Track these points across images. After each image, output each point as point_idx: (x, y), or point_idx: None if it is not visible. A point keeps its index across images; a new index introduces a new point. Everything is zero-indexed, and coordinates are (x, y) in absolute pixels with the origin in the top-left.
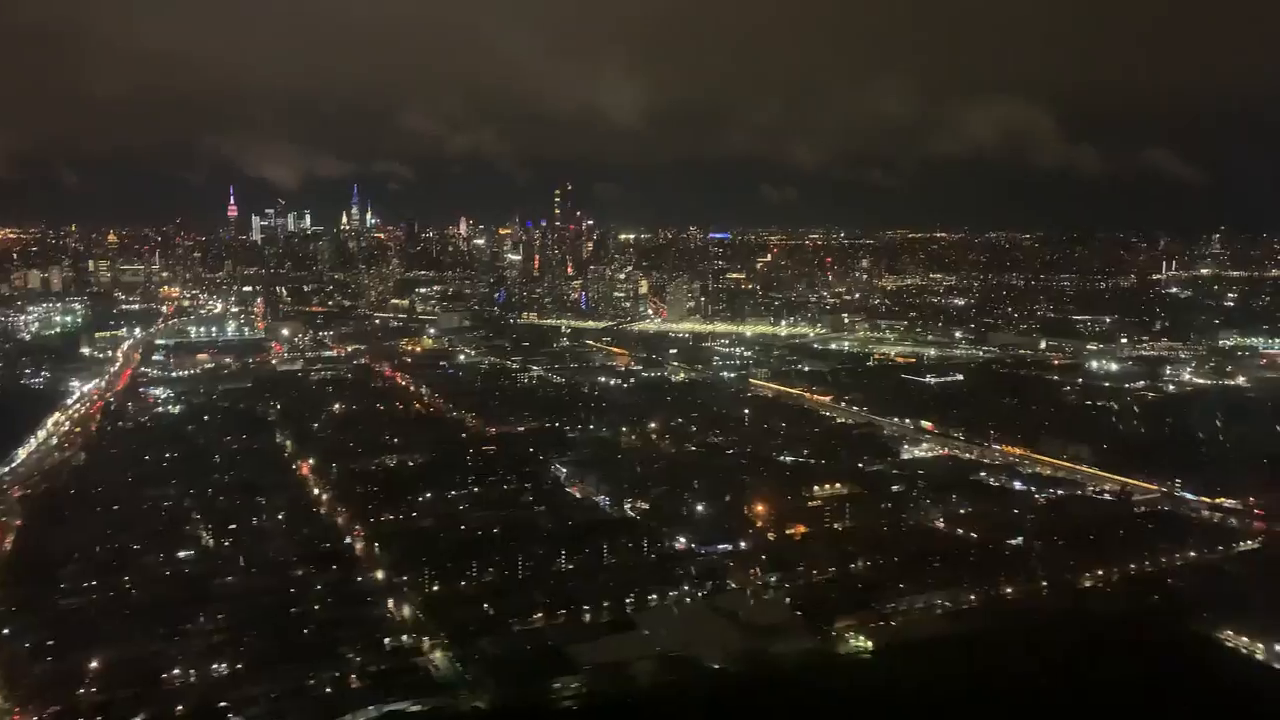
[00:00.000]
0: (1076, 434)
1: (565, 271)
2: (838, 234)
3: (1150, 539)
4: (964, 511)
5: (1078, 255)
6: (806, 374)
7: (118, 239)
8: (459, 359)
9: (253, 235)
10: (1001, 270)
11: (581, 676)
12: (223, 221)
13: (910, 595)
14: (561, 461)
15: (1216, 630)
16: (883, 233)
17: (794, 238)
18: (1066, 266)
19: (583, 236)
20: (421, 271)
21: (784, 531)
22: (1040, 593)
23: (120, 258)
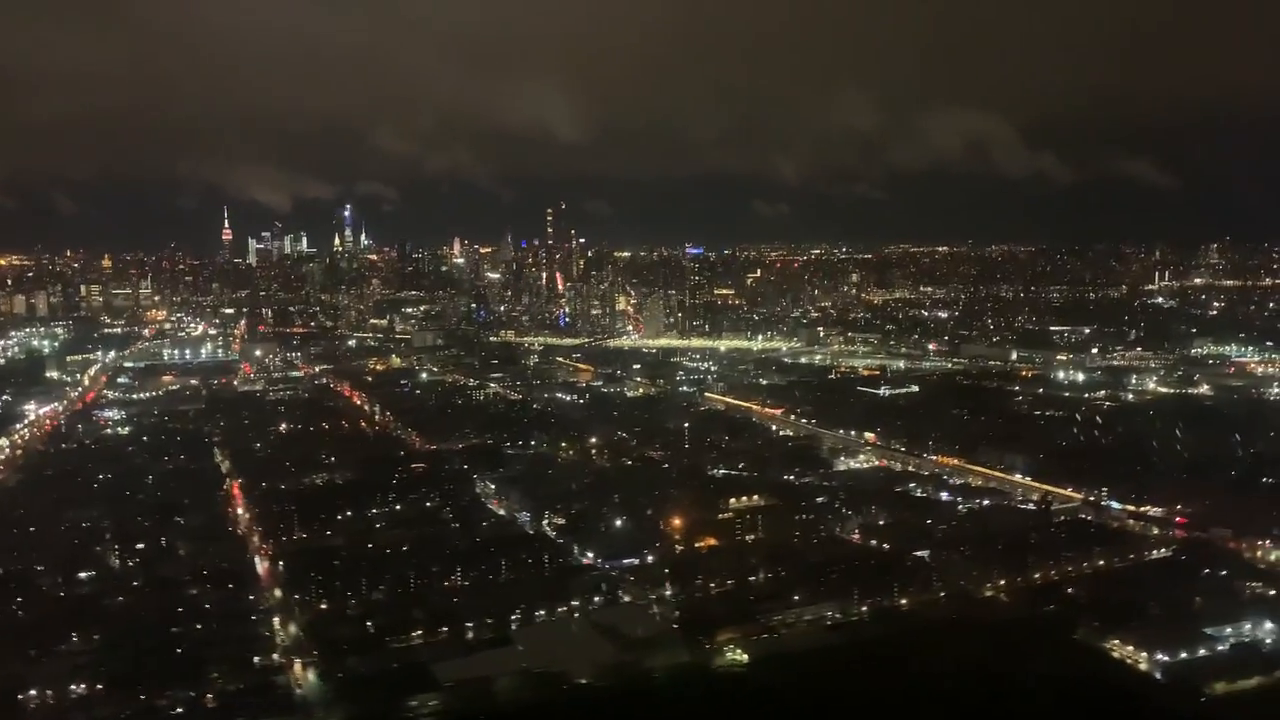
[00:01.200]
0: (1017, 445)
1: (546, 290)
2: (839, 249)
3: (1060, 548)
4: (881, 523)
5: (1070, 267)
6: (764, 388)
7: (111, 263)
8: (421, 377)
9: (249, 258)
10: (992, 283)
11: (441, 694)
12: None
13: (800, 607)
14: (491, 478)
15: (1103, 639)
16: (882, 247)
17: (792, 253)
18: (1058, 278)
19: (574, 255)
20: (411, 292)
21: (693, 544)
22: (935, 603)
23: (112, 282)
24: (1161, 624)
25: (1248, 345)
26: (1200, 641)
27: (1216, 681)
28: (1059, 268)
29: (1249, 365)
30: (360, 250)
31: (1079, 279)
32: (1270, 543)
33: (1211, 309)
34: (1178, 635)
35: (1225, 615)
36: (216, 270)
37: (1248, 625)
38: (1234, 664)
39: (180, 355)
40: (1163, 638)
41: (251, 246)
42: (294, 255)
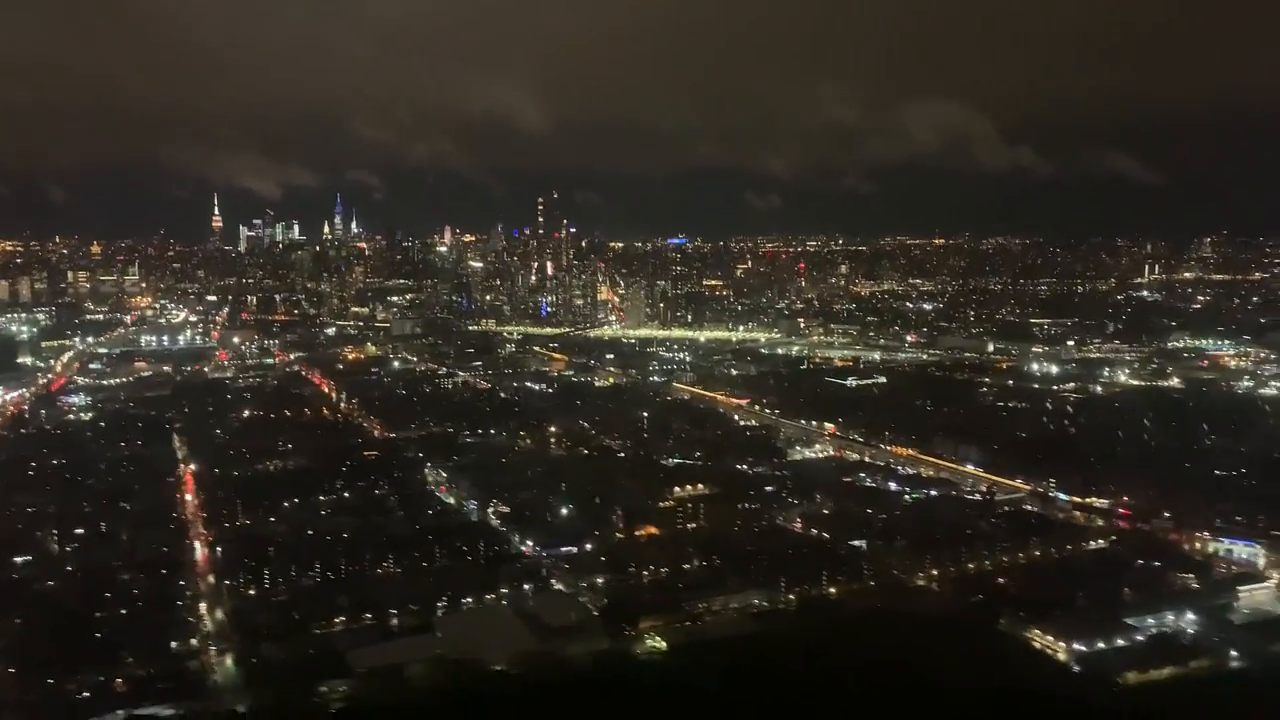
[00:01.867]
0: (974, 436)
1: (528, 280)
2: (835, 241)
3: (997, 539)
4: (825, 512)
5: (1060, 260)
6: (734, 378)
7: (101, 250)
8: (393, 365)
9: (240, 246)
10: (982, 275)
11: (351, 680)
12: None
13: (728, 595)
14: (444, 466)
15: (1025, 629)
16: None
17: (788, 245)
18: (1048, 271)
19: (563, 245)
20: (400, 280)
21: (633, 533)
22: (864, 592)
23: (100, 269)
24: (1084, 614)
25: (1225, 339)
26: (1120, 632)
27: (1129, 671)
28: (1049, 261)
29: (1223, 358)
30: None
31: (1069, 273)
32: (1210, 535)
33: (1195, 303)
34: (1098, 626)
35: (1150, 606)
36: (204, 258)
37: (1170, 616)
38: (1150, 654)
39: (158, 342)
40: (1083, 628)
41: (243, 234)
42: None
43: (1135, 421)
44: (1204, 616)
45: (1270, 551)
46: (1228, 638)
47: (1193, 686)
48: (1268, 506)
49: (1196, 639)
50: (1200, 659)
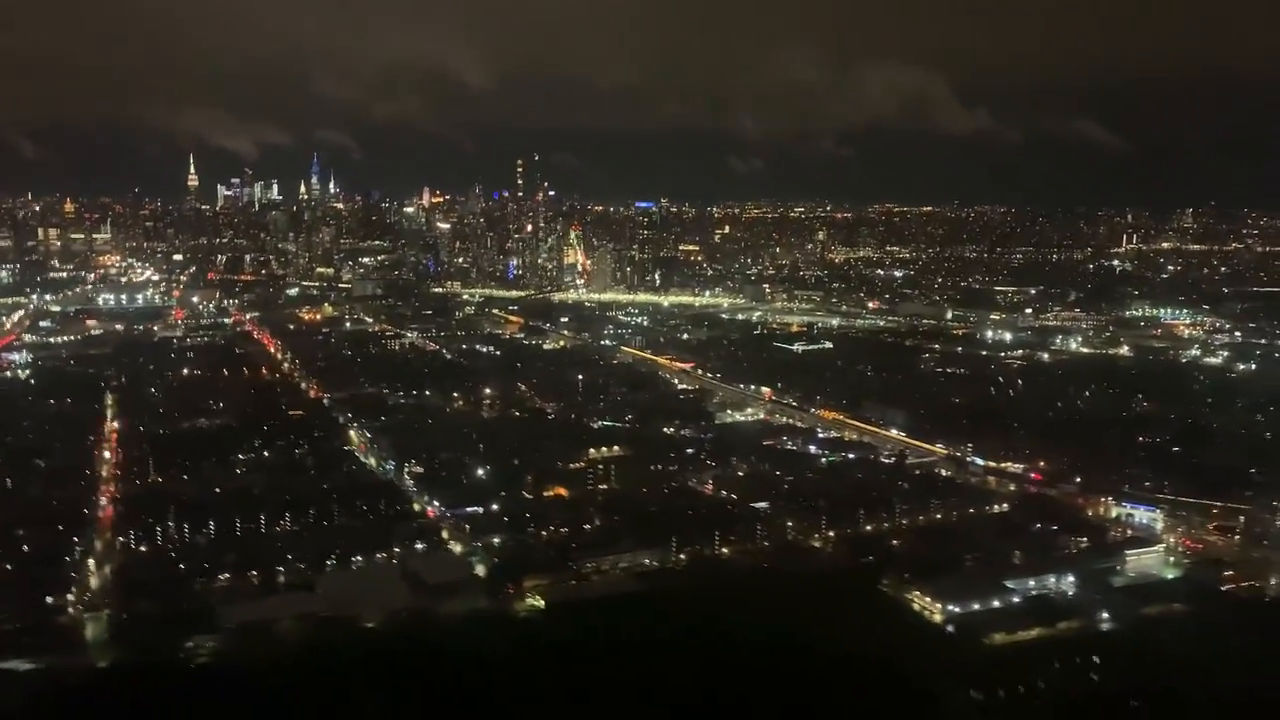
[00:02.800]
0: (907, 401)
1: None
2: (823, 208)
3: (902, 501)
4: (738, 474)
5: (1040, 229)
6: (684, 342)
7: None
8: (345, 326)
9: (218, 204)
10: (960, 243)
11: (219, 636)
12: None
13: (619, 554)
14: (371, 426)
15: (906, 590)
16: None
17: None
18: (1027, 239)
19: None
20: (373, 241)
21: (541, 494)
22: (756, 553)
23: (71, 227)
24: (965, 576)
25: (1184, 308)
26: (997, 594)
27: (997, 632)
28: (1028, 230)
29: (1178, 327)
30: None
31: (1047, 241)
32: (1114, 500)
33: (1165, 273)
34: (976, 587)
35: (1033, 569)
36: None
37: (1052, 579)
38: (1021, 616)
39: (117, 300)
40: (960, 590)
41: (220, 194)
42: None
43: (1070, 388)
44: (1085, 579)
45: (1170, 516)
46: (1103, 600)
47: (1056, 647)
48: (1180, 472)
49: (1072, 601)
50: (1070, 621)
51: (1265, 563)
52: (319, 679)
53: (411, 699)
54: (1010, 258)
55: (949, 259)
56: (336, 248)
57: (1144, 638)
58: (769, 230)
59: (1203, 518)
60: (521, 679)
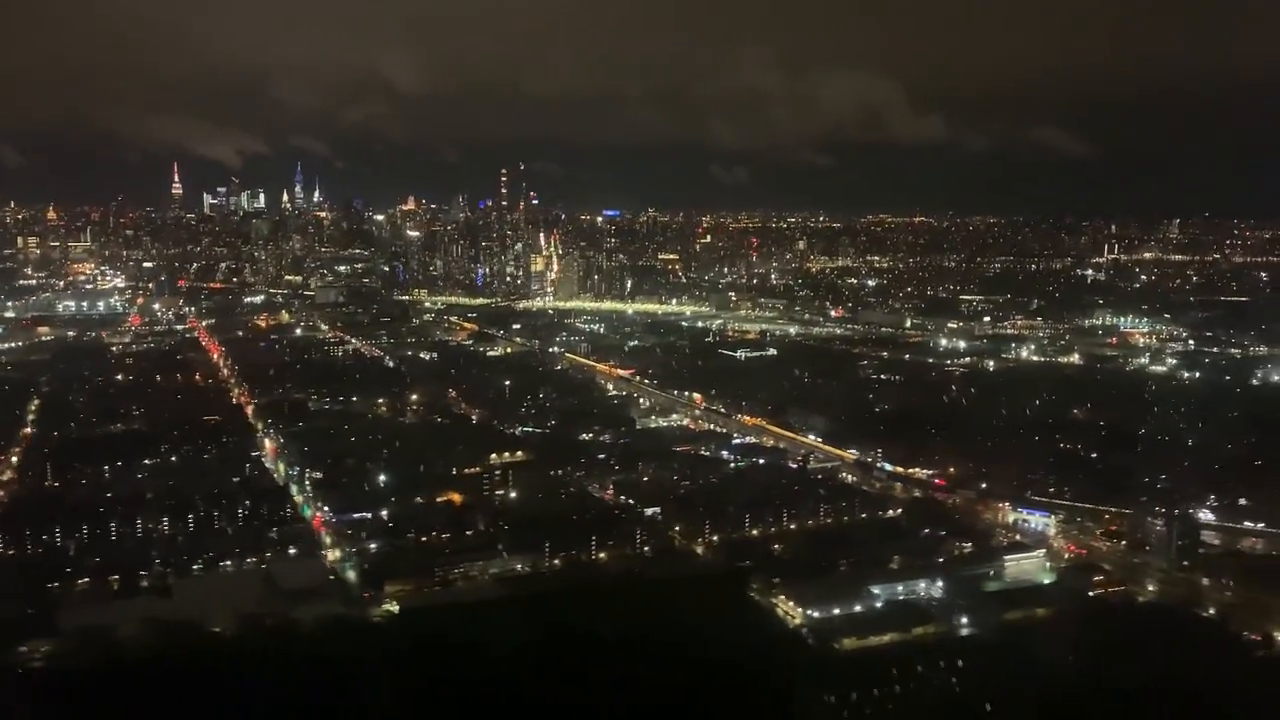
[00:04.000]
0: (832, 407)
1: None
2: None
3: (793, 506)
4: (642, 479)
5: (1021, 239)
6: (631, 349)
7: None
8: (296, 333)
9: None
10: (940, 253)
11: (55, 641)
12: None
13: (490, 560)
14: (287, 431)
15: (772, 594)
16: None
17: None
18: (1007, 249)
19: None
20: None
21: (434, 499)
22: (633, 558)
23: (51, 235)
24: (832, 581)
25: (1146, 316)
26: (862, 598)
27: (850, 637)
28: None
29: (1134, 335)
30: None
31: (1027, 251)
32: (1011, 505)
33: (1137, 282)
34: (841, 592)
35: (904, 574)
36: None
37: (922, 584)
38: (880, 620)
39: (78, 307)
40: (824, 594)
41: (206, 202)
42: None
43: (1003, 396)
44: (956, 584)
45: (1064, 522)
46: (968, 605)
47: (907, 652)
48: (1088, 479)
49: (935, 606)
50: (928, 626)
51: (1142, 568)
52: (144, 683)
53: (227, 701)
54: (989, 267)
55: (927, 268)
56: (313, 256)
57: (999, 642)
58: (751, 240)
59: (1096, 523)
60: (348, 682)
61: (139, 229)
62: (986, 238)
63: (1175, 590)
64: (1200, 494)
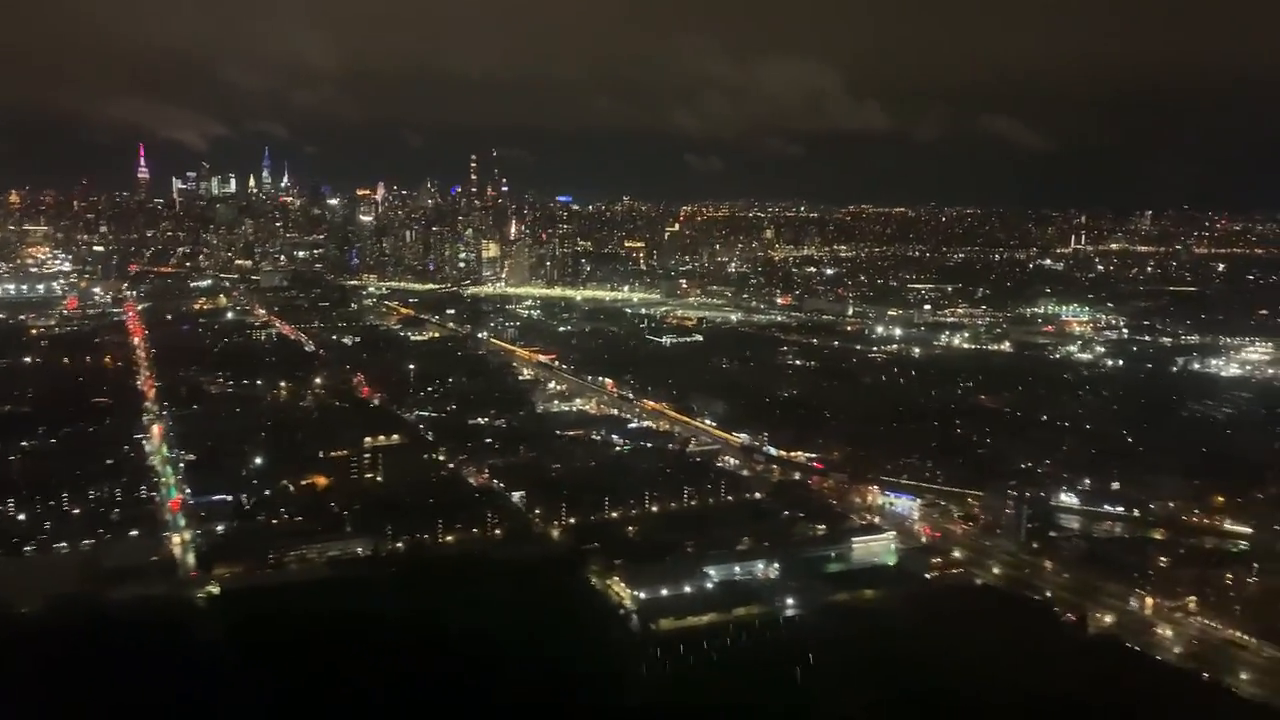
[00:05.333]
0: (738, 392)
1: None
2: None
3: (659, 489)
4: (520, 463)
5: (989, 229)
6: (559, 334)
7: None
8: (227, 317)
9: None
10: (908, 243)
11: None
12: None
13: (330, 542)
14: (178, 414)
15: (608, 576)
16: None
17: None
18: (973, 239)
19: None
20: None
21: (299, 481)
22: (484, 540)
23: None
24: (669, 562)
25: (1090, 306)
26: (694, 579)
27: (670, 616)
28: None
29: (1071, 324)
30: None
31: (994, 241)
32: (879, 489)
33: (1093, 272)
34: (676, 573)
35: (747, 555)
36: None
37: (761, 565)
38: (702, 601)
39: (17, 290)
40: (658, 576)
41: (175, 187)
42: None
43: (915, 382)
44: (795, 565)
45: (928, 505)
46: (800, 586)
47: (719, 631)
48: (966, 463)
49: (766, 587)
50: (750, 606)
51: (991, 550)
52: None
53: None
54: (953, 257)
55: (890, 258)
56: (273, 241)
57: (819, 622)
58: (720, 228)
59: (960, 507)
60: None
61: (99, 213)
62: (955, 228)
63: (1016, 573)
64: (1074, 478)
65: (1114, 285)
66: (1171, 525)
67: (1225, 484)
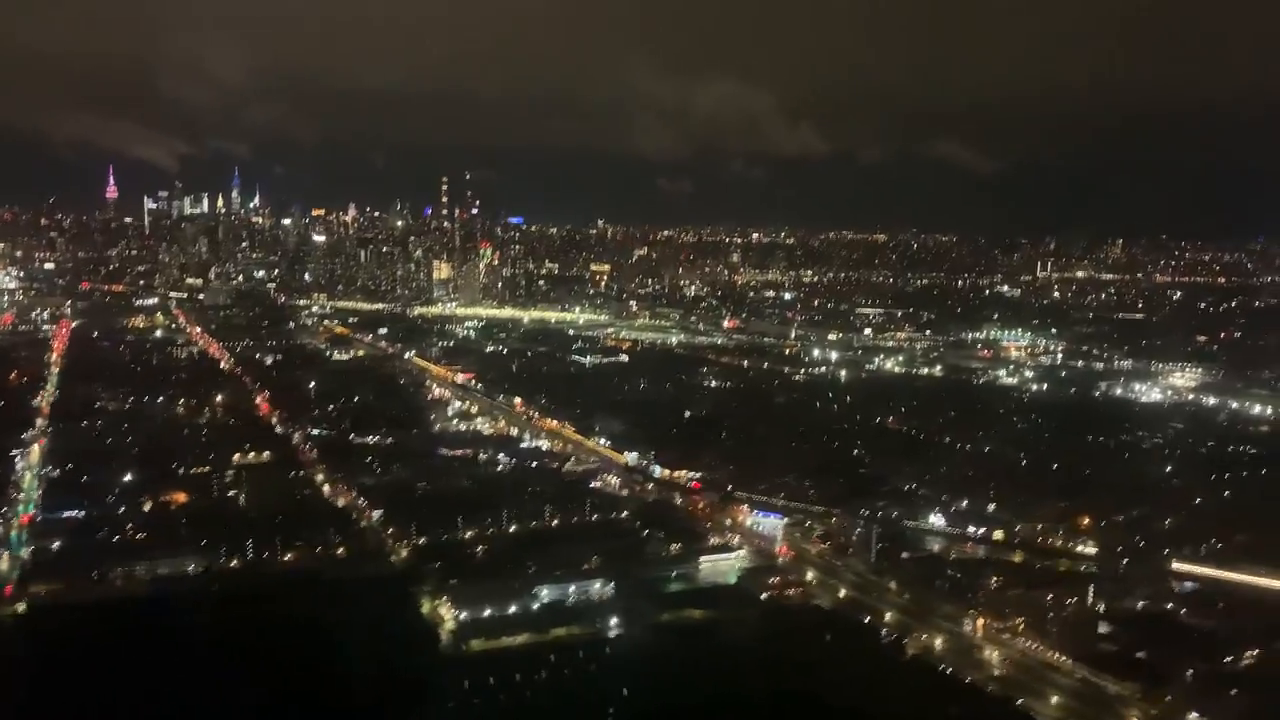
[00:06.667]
0: (639, 413)
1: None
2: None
3: (525, 508)
4: (389, 481)
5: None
6: (485, 355)
7: None
8: (155, 334)
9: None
10: (874, 268)
11: None
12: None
13: (160, 560)
14: (62, 430)
15: (437, 596)
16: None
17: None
18: (940, 265)
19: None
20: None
21: (159, 499)
22: (326, 559)
23: None
24: (502, 583)
25: (1033, 331)
26: (520, 600)
27: (478, 639)
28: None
29: (1009, 349)
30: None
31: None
32: (749, 508)
33: (1048, 298)
34: (504, 593)
35: (583, 575)
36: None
37: (598, 585)
38: (521, 622)
39: None
40: (484, 596)
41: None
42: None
43: (825, 404)
44: (633, 585)
45: (792, 526)
46: (629, 606)
47: (531, 651)
48: (845, 484)
49: (592, 607)
50: (571, 627)
51: (837, 570)
52: None
53: None
54: (915, 282)
55: (852, 283)
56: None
57: (638, 642)
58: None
59: (822, 526)
60: None
61: (60, 231)
62: (923, 254)
63: (858, 593)
64: (952, 500)
65: (1064, 311)
66: (1030, 548)
67: (1097, 506)
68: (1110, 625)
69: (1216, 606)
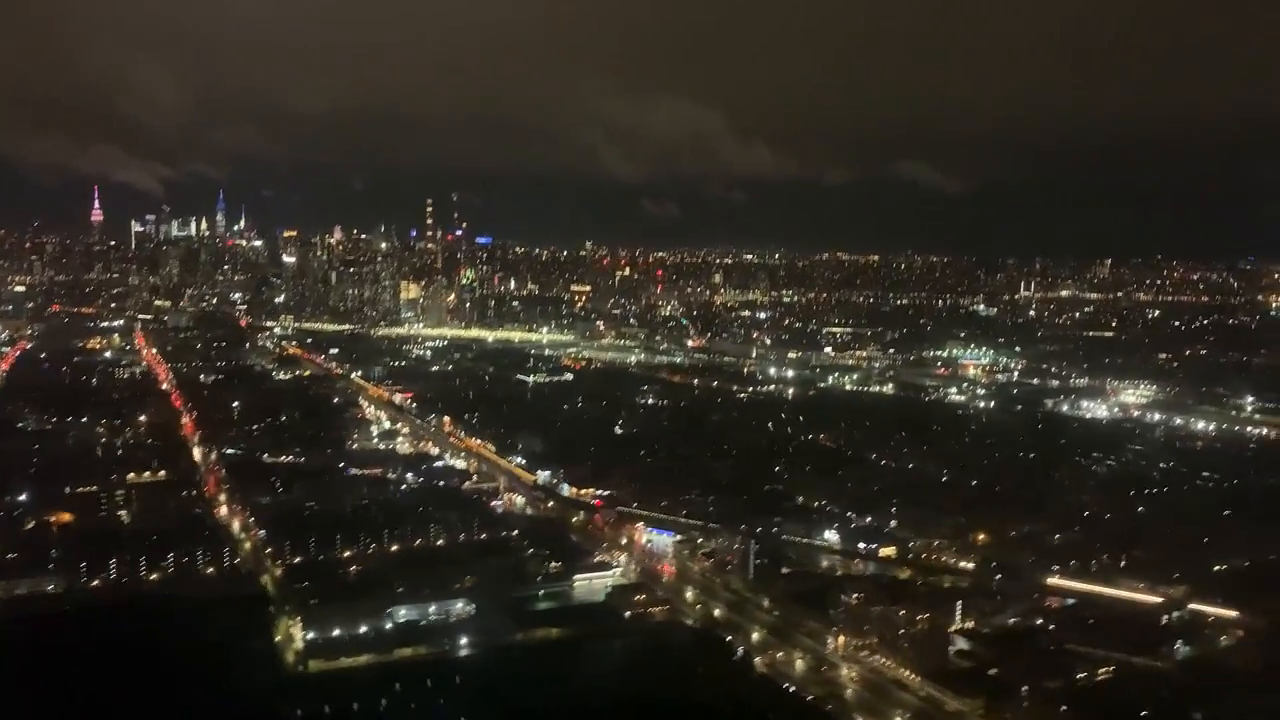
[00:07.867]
0: (561, 432)
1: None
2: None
3: (411, 526)
4: (291, 500)
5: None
6: (430, 375)
7: None
8: (105, 355)
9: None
10: (854, 288)
11: None
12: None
13: (22, 580)
14: None
15: (290, 617)
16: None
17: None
18: (920, 285)
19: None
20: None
21: (43, 519)
22: (194, 580)
23: None
24: (357, 603)
25: (996, 350)
26: (373, 619)
27: (318, 659)
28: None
29: (968, 367)
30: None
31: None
32: (644, 525)
33: (1022, 317)
34: (356, 614)
35: (443, 594)
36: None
37: (459, 604)
38: (365, 642)
39: None
40: (334, 616)
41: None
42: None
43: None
44: (495, 604)
45: (682, 543)
46: (485, 626)
47: (373, 671)
48: (748, 501)
49: (447, 626)
50: (418, 647)
51: (713, 587)
52: None
53: None
54: (893, 302)
55: (830, 303)
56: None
57: (485, 662)
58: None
59: (711, 543)
60: None
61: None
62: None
63: (728, 611)
64: (856, 516)
65: (1033, 330)
66: (917, 565)
67: (996, 523)
68: (971, 642)
69: (1087, 622)
